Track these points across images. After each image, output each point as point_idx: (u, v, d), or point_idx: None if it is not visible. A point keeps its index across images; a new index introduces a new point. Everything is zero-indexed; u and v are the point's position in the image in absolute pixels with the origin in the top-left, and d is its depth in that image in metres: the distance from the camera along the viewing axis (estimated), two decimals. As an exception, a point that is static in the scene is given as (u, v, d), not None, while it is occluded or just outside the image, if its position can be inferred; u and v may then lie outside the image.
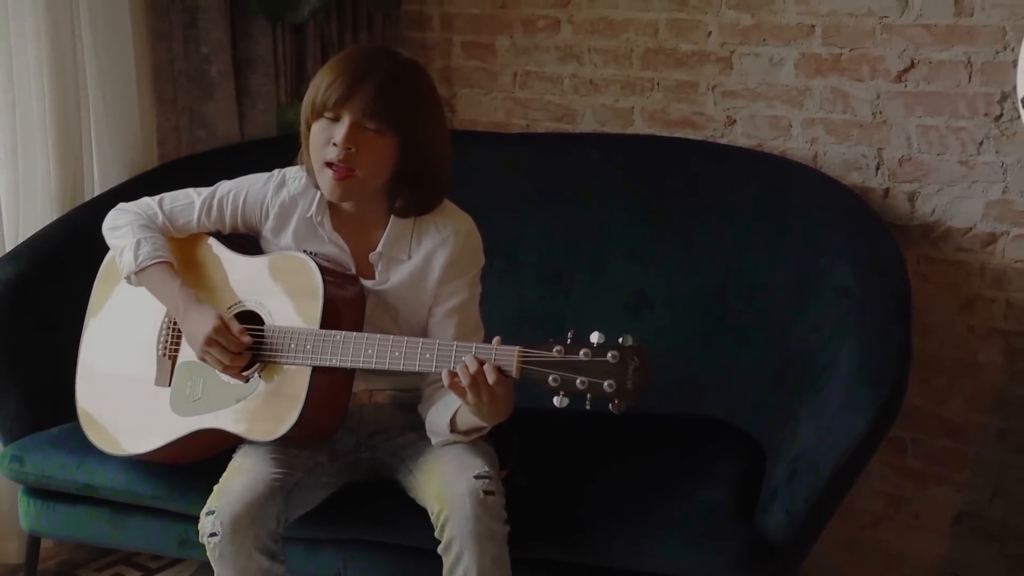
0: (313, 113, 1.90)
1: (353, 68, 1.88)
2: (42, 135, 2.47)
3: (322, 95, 1.87)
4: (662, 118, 2.78)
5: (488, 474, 1.86)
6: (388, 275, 1.99)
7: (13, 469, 2.22)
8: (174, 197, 2.09)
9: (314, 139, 1.91)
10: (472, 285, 2.00)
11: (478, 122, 3.05)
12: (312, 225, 2.00)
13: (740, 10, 2.60)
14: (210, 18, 2.73)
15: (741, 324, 2.40)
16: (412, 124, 1.90)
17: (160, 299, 2.02)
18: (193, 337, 1.94)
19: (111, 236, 2.08)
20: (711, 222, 2.49)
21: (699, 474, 2.12)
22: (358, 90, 1.86)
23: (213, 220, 2.07)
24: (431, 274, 1.98)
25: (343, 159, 1.87)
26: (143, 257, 2.00)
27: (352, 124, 1.87)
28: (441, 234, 1.98)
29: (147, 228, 2.04)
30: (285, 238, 2.02)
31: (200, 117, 2.80)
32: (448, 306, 1.98)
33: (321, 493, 2.00)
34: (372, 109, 1.86)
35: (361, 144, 1.87)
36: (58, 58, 2.45)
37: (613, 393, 1.68)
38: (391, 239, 1.99)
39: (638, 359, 1.68)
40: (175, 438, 2.01)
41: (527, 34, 2.94)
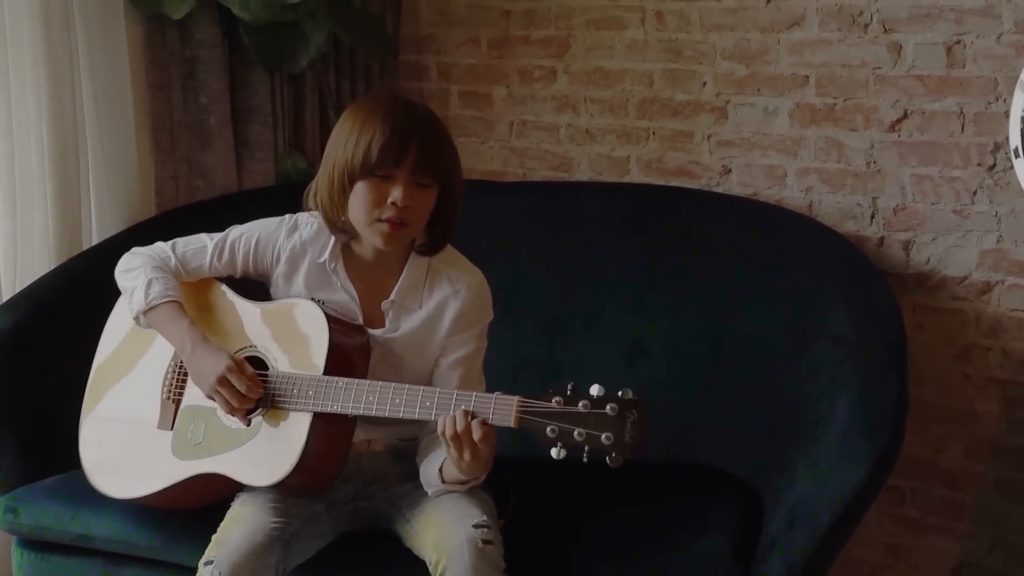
0: (363, 173, 1.88)
1: (401, 126, 1.87)
2: (41, 185, 2.48)
3: (376, 156, 1.86)
4: (658, 167, 2.80)
5: (486, 523, 1.85)
6: (399, 324, 2.00)
7: (7, 521, 2.20)
8: (187, 241, 2.11)
9: (364, 198, 1.89)
10: (479, 339, 2.01)
11: (475, 171, 3.07)
12: (325, 272, 2.01)
13: (735, 61, 2.63)
14: (209, 69, 2.76)
15: (737, 372, 2.40)
16: (451, 173, 1.94)
17: (168, 338, 2.02)
18: (203, 375, 1.93)
19: (123, 278, 2.09)
20: (707, 270, 2.50)
21: (697, 523, 2.11)
22: (410, 148, 1.86)
23: (225, 264, 2.08)
24: (441, 325, 1.99)
25: (401, 216, 1.89)
26: (153, 296, 2.00)
27: (407, 183, 1.88)
28: (453, 286, 1.99)
29: (159, 270, 2.05)
30: (296, 283, 2.03)
31: (198, 167, 2.82)
32: (454, 358, 1.99)
33: (319, 543, 1.99)
34: (425, 166, 1.88)
35: (414, 199, 1.89)
36: (57, 109, 2.47)
37: (611, 446, 1.68)
38: (404, 288, 2.00)
39: (637, 413, 1.69)
40: (175, 482, 2.00)
41: (523, 84, 2.97)
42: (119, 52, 2.62)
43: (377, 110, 1.90)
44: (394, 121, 1.87)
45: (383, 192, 1.88)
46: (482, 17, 2.99)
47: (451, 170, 1.94)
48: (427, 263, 2.01)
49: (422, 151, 1.87)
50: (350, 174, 1.89)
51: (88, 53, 2.54)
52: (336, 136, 1.94)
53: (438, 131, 1.93)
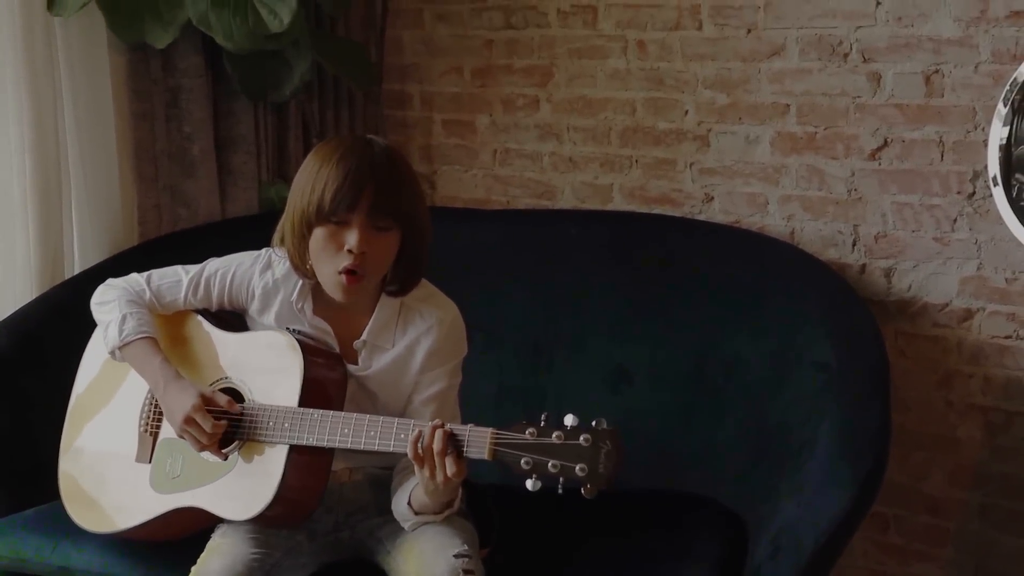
0: (318, 219, 1.87)
1: (354, 171, 1.85)
2: (22, 213, 2.48)
3: (329, 203, 1.84)
4: (641, 195, 2.81)
5: (467, 552, 1.85)
6: (371, 362, 1.99)
7: (-13, 552, 2.18)
8: (162, 274, 2.09)
9: (321, 245, 1.88)
10: (452, 375, 2.00)
11: (458, 198, 3.08)
12: (294, 311, 2.01)
13: (716, 89, 2.65)
14: (192, 98, 2.76)
15: (720, 399, 2.40)
16: (412, 214, 1.91)
17: (141, 374, 2.01)
18: (172, 415, 1.93)
19: (98, 311, 2.08)
20: (690, 297, 2.51)
21: (680, 551, 2.10)
22: (365, 193, 1.85)
23: (200, 298, 2.07)
24: (413, 362, 1.98)
25: (358, 264, 1.88)
26: (127, 332, 2.00)
27: (362, 228, 1.86)
28: (426, 323, 1.98)
29: (134, 304, 2.04)
30: (268, 319, 2.02)
31: (181, 195, 2.82)
32: (427, 394, 1.97)
33: (300, 573, 1.97)
34: (382, 209, 1.86)
35: (371, 245, 1.88)
36: (40, 137, 2.47)
37: (585, 477, 1.67)
38: (376, 328, 1.99)
39: (611, 443, 1.68)
40: (154, 516, 1.99)
41: (507, 112, 2.98)
42: (102, 81, 2.62)
43: (332, 155, 1.88)
44: (348, 165, 1.85)
45: (339, 239, 1.87)
46: (465, 46, 3.00)
47: (412, 211, 1.91)
48: (399, 301, 1.99)
49: (378, 194, 1.85)
50: (307, 221, 1.88)
51: (71, 82, 2.54)
52: (296, 182, 1.93)
53: (397, 172, 1.90)
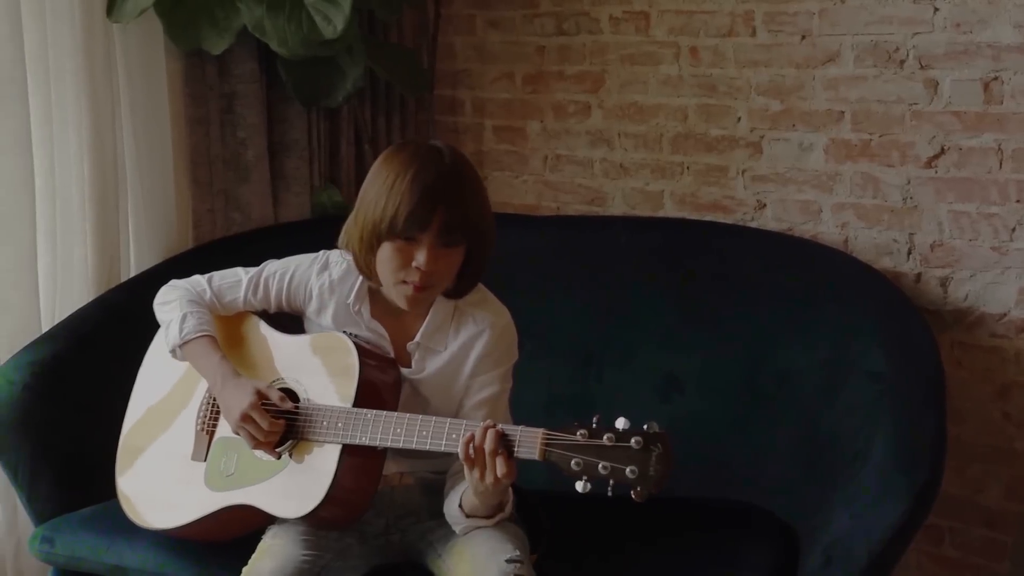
0: (388, 235, 1.88)
1: (428, 190, 1.85)
2: (81, 219, 2.52)
3: (402, 223, 1.85)
4: (692, 202, 2.80)
5: (519, 558, 1.85)
6: (424, 364, 2.00)
7: (44, 551, 2.21)
8: (223, 275, 2.12)
9: (389, 259, 1.90)
10: (503, 379, 2.00)
11: (509, 204, 3.08)
12: (350, 312, 2.02)
13: (769, 96, 2.64)
14: (247, 104, 2.79)
15: (772, 408, 2.38)
16: (480, 229, 1.92)
17: (200, 372, 2.04)
18: (229, 411, 1.95)
19: (160, 311, 2.11)
20: (741, 306, 2.49)
21: (731, 560, 2.08)
22: (437, 214, 1.85)
23: (259, 299, 2.10)
24: (465, 365, 1.98)
25: (424, 281, 1.89)
26: (187, 331, 2.02)
27: (431, 247, 1.87)
28: (479, 326, 1.99)
29: (194, 303, 2.07)
30: (325, 320, 2.04)
31: (235, 200, 2.85)
32: (478, 398, 1.98)
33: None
34: (452, 228, 1.87)
35: (439, 261, 1.89)
36: (98, 143, 2.50)
37: (635, 480, 1.67)
38: (430, 330, 2.00)
39: (662, 446, 1.67)
40: (206, 513, 2.01)
41: (558, 119, 2.98)
42: (159, 87, 2.66)
43: (406, 169, 1.87)
44: (422, 185, 1.85)
45: (408, 255, 1.88)
46: (517, 53, 3.01)
47: (480, 225, 1.92)
48: (453, 304, 2.00)
49: (449, 215, 1.86)
50: (377, 236, 1.89)
51: (129, 88, 2.58)
52: (367, 190, 1.93)
53: (467, 188, 1.90)
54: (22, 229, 2.44)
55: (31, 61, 2.41)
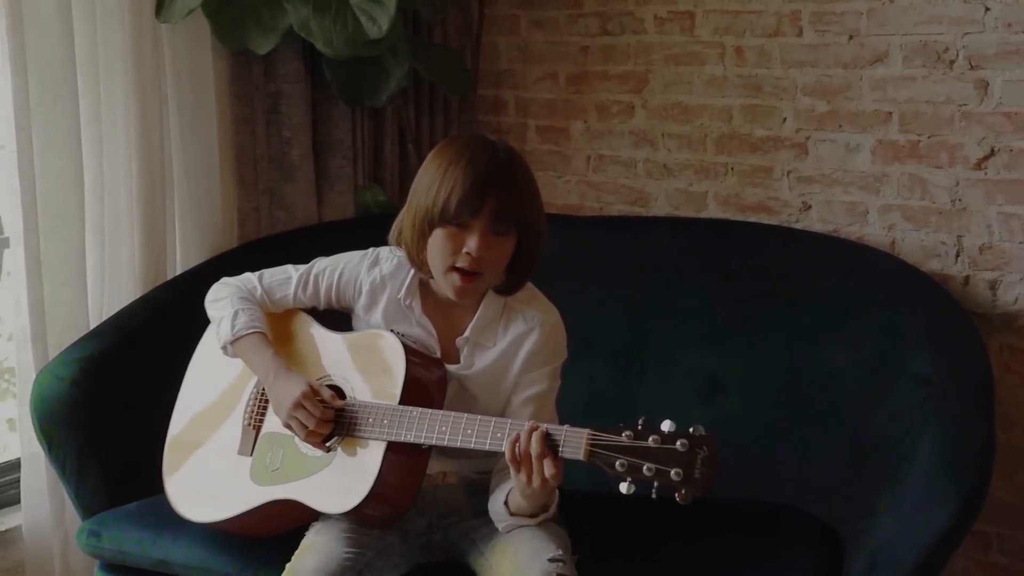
0: (440, 221, 1.90)
1: (480, 177, 1.87)
2: (128, 217, 2.54)
3: (455, 207, 1.87)
4: (736, 203, 2.79)
5: (561, 557, 1.84)
6: (473, 360, 2.01)
7: (91, 544, 2.24)
8: (273, 272, 2.14)
9: (440, 246, 1.91)
10: (552, 377, 2.00)
11: (552, 205, 3.07)
12: (401, 308, 2.03)
13: (816, 97, 2.62)
14: (292, 103, 2.81)
15: (816, 411, 2.37)
16: (531, 220, 1.93)
17: (252, 367, 2.06)
18: (280, 402, 1.96)
19: (212, 308, 2.14)
20: (785, 307, 2.47)
21: (774, 564, 2.07)
22: (488, 200, 1.87)
23: (309, 295, 2.11)
24: (514, 363, 1.99)
25: (474, 266, 1.90)
26: (239, 327, 2.05)
27: (483, 233, 1.88)
28: (528, 324, 1.99)
29: (245, 300, 2.09)
30: (375, 316, 2.05)
31: (280, 199, 2.87)
32: (526, 395, 1.98)
33: (392, 574, 1.98)
34: (503, 215, 1.88)
35: (490, 248, 1.90)
36: (146, 142, 2.53)
37: (680, 482, 1.66)
38: (480, 326, 2.00)
39: (707, 449, 1.67)
40: (251, 507, 2.02)
41: (601, 119, 2.97)
42: (206, 86, 2.69)
43: (459, 158, 1.90)
44: (475, 171, 1.87)
45: (459, 241, 1.89)
46: (560, 52, 3.01)
47: (531, 217, 1.93)
48: (503, 301, 2.01)
49: (500, 202, 1.87)
50: (429, 221, 1.91)
51: (176, 87, 2.60)
52: (420, 179, 1.95)
53: (519, 178, 1.92)
54: (71, 227, 2.47)
55: (81, 61, 2.44)
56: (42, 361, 2.41)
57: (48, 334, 2.45)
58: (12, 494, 2.56)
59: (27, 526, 2.49)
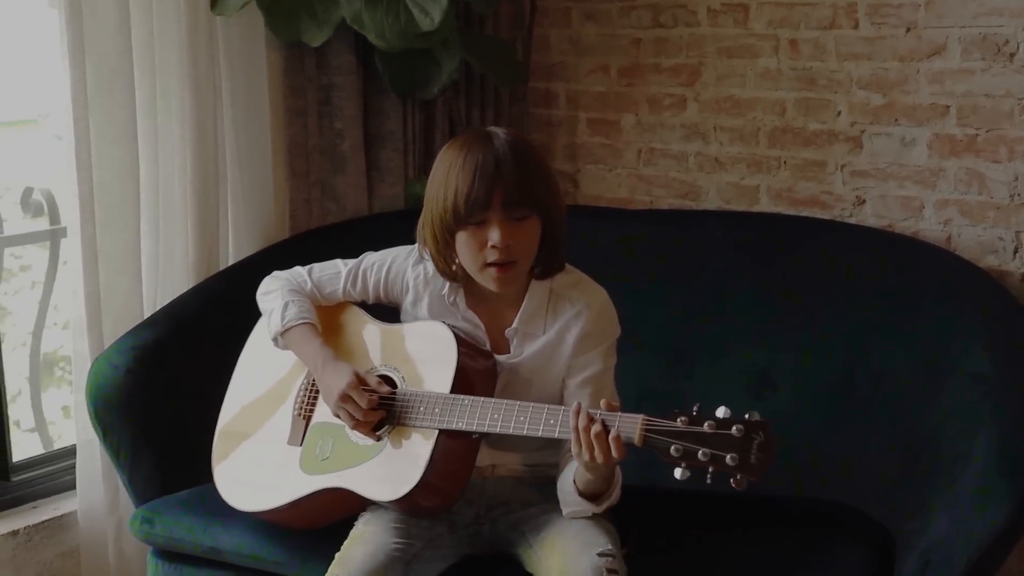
0: (457, 225, 1.91)
1: (480, 170, 1.88)
2: (183, 208, 2.57)
3: (464, 207, 1.88)
4: (788, 197, 2.76)
5: (611, 552, 1.84)
6: (523, 349, 2.01)
7: (144, 531, 2.27)
8: (323, 267, 2.16)
9: (466, 247, 1.92)
10: (606, 356, 2.00)
11: (602, 198, 3.07)
12: (446, 304, 2.04)
13: (871, 90, 2.58)
14: (344, 95, 2.82)
15: (869, 408, 2.34)
16: (545, 196, 1.94)
17: (301, 357, 2.08)
18: (329, 392, 1.98)
19: (262, 300, 2.16)
20: (838, 303, 2.45)
21: (824, 561, 2.05)
22: (495, 190, 1.88)
23: (358, 290, 2.13)
24: (564, 347, 1.99)
25: (505, 256, 1.90)
26: (289, 318, 2.07)
27: (501, 222, 1.89)
28: (575, 308, 1.99)
29: (295, 293, 2.11)
30: (421, 311, 2.06)
31: (331, 190, 2.88)
32: (581, 377, 1.98)
33: (440, 565, 2.00)
34: (515, 200, 1.89)
35: (514, 235, 1.90)
36: (200, 134, 2.55)
37: (736, 467, 1.66)
38: (527, 315, 2.01)
39: (763, 435, 1.67)
40: (301, 496, 2.04)
41: (652, 112, 2.96)
42: (259, 78, 2.71)
43: (459, 157, 1.91)
44: (473, 165, 1.88)
45: (482, 237, 1.90)
46: (612, 45, 2.99)
47: (544, 197, 1.93)
48: (548, 287, 2.01)
49: (509, 188, 1.88)
50: (448, 228, 1.92)
51: (230, 80, 2.63)
52: (429, 190, 1.97)
53: (523, 162, 1.91)
54: (127, 217, 2.51)
55: (137, 53, 2.47)
56: (97, 349, 2.44)
57: (103, 323, 2.48)
58: (68, 480, 2.60)
59: (82, 512, 2.53)
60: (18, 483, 2.57)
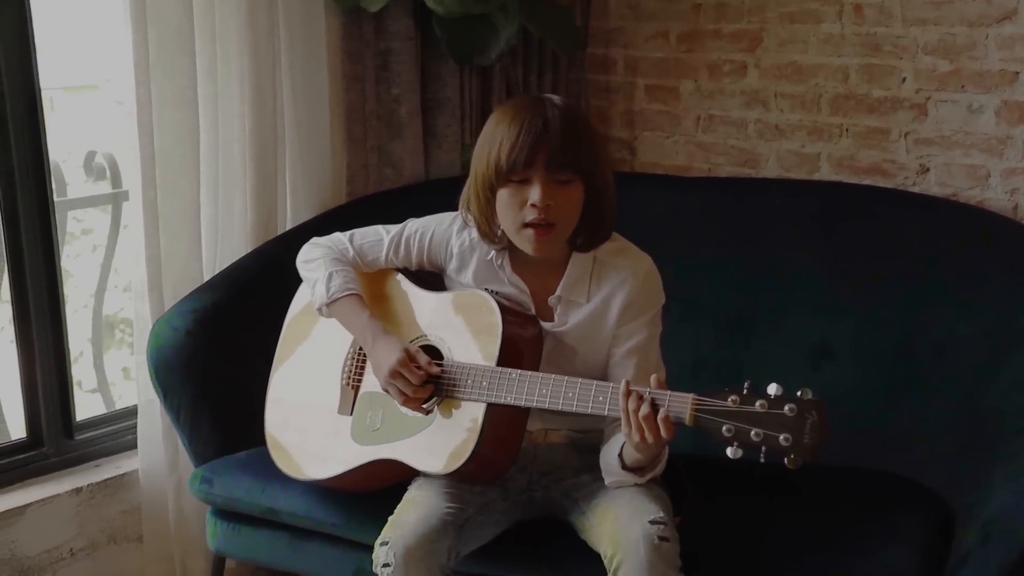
0: (499, 181, 1.90)
1: (527, 127, 1.87)
2: (241, 173, 2.59)
3: (506, 161, 1.88)
4: (850, 165, 2.72)
5: (663, 520, 1.84)
6: (567, 318, 2.00)
7: (203, 490, 2.31)
8: (364, 233, 2.16)
9: (507, 205, 1.92)
10: (651, 325, 1.99)
11: (659, 165, 3.05)
12: (492, 268, 2.03)
13: (938, 56, 2.53)
14: (402, 61, 2.82)
15: (929, 379, 2.31)
16: (592, 164, 1.92)
17: (349, 329, 2.08)
18: (379, 367, 1.99)
19: (304, 269, 2.16)
20: (900, 272, 2.41)
21: (882, 532, 2.03)
22: (540, 147, 1.87)
23: (400, 257, 2.12)
24: (609, 316, 1.97)
25: (544, 217, 1.89)
26: (334, 289, 2.07)
27: (544, 182, 1.88)
28: (620, 275, 1.98)
29: (338, 262, 2.11)
30: (466, 277, 2.06)
31: (388, 156, 2.89)
32: (627, 347, 1.97)
33: (492, 530, 2.01)
34: (559, 162, 1.88)
35: (555, 197, 1.89)
36: (259, 99, 2.57)
37: (789, 447, 1.64)
38: (570, 282, 1.99)
39: (816, 414, 1.64)
40: (353, 466, 2.05)
41: (712, 78, 2.92)
42: (318, 44, 2.71)
43: (505, 116, 1.91)
44: (521, 123, 1.87)
45: (523, 195, 1.89)
46: (672, 10, 2.96)
47: (590, 165, 1.91)
48: (592, 256, 2.00)
49: (554, 148, 1.86)
50: (490, 184, 1.91)
51: (289, 45, 2.63)
52: (475, 149, 1.96)
53: (572, 125, 1.90)
54: (187, 181, 2.53)
55: (198, 19, 2.48)
56: (158, 312, 2.47)
57: (164, 286, 2.51)
58: (129, 440, 2.64)
59: (143, 471, 2.57)
60: (81, 442, 2.62)
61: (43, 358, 2.52)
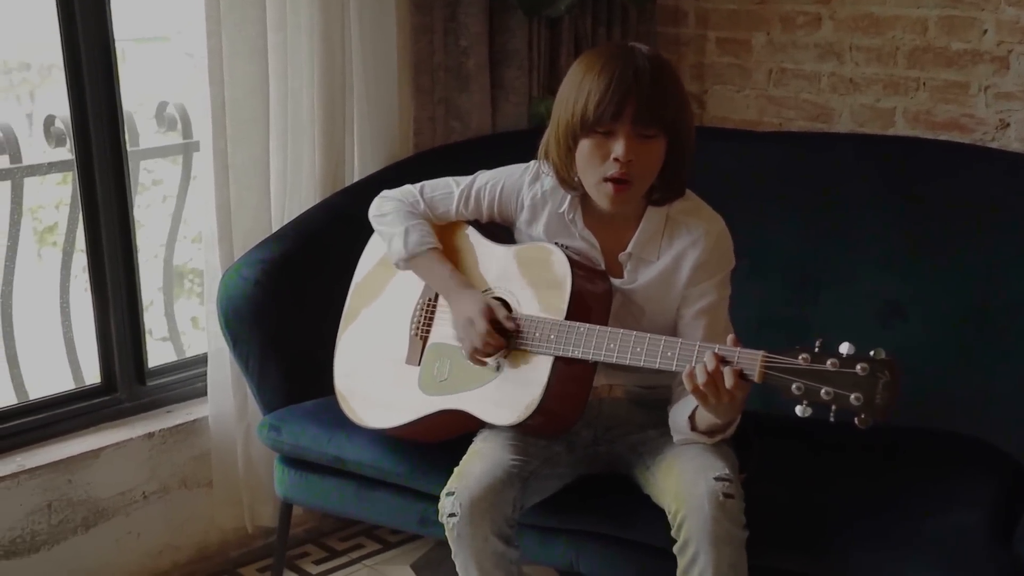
0: (583, 130, 1.88)
1: (617, 79, 1.84)
2: (310, 124, 2.60)
3: (593, 112, 1.85)
4: (927, 120, 2.66)
5: (728, 476, 1.83)
6: (636, 275, 1.99)
7: (271, 438, 2.34)
8: (434, 186, 2.15)
9: (588, 156, 1.89)
10: (721, 287, 1.97)
11: (729, 119, 3.00)
12: (564, 222, 2.02)
13: (1021, 7, 2.45)
14: (470, 12, 2.80)
15: (1003, 340, 2.26)
16: (678, 122, 1.89)
17: (430, 283, 2.10)
18: (460, 320, 1.99)
19: (378, 223, 2.16)
20: (974, 231, 2.36)
21: (952, 494, 2.01)
22: (629, 101, 1.84)
23: (471, 210, 2.12)
24: (680, 275, 1.96)
25: (625, 172, 1.87)
26: (413, 245, 2.07)
27: (628, 137, 1.86)
28: (692, 235, 1.96)
29: (412, 216, 2.11)
30: (537, 230, 2.05)
31: (455, 108, 2.88)
32: (697, 308, 1.95)
33: (556, 483, 2.02)
34: (646, 117, 1.85)
35: (638, 153, 1.87)
36: (328, 51, 2.57)
37: (860, 407, 1.62)
38: (642, 240, 1.98)
39: (889, 374, 1.61)
40: (420, 416, 2.07)
41: (785, 31, 2.87)
42: (387, -6, 2.70)
43: (595, 64, 1.87)
44: (611, 74, 1.84)
45: (605, 148, 1.87)
46: (745, -39, 2.90)
47: (677, 119, 1.88)
48: (665, 213, 1.97)
49: (642, 103, 1.83)
50: (573, 133, 1.89)
51: (358, -5, 2.63)
52: (560, 93, 1.93)
53: (661, 80, 1.87)
54: (257, 132, 2.54)
55: (268, -31, 2.49)
56: (228, 262, 2.50)
57: (234, 236, 2.54)
58: (199, 387, 2.69)
59: (213, 417, 2.62)
60: (153, 388, 2.68)
61: (116, 306, 2.57)
